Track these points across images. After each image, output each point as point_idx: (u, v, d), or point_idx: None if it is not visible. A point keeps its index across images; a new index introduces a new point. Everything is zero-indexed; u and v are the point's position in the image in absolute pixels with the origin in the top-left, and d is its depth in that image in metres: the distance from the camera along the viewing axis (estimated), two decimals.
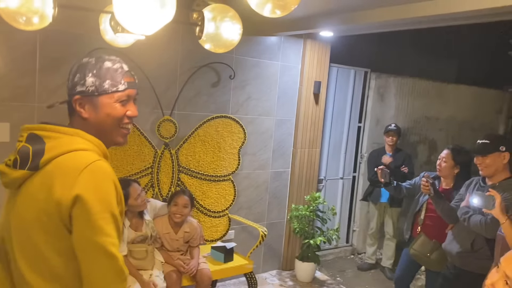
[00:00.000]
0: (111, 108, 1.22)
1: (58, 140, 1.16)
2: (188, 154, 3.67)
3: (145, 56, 3.39)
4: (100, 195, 1.10)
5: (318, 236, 4.16)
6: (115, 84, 1.22)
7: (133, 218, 3.04)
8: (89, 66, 1.21)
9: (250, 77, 4.04)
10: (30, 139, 1.17)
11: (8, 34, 2.84)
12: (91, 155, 1.15)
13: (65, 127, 1.20)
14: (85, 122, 1.23)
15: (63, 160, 1.13)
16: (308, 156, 4.49)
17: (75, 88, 1.22)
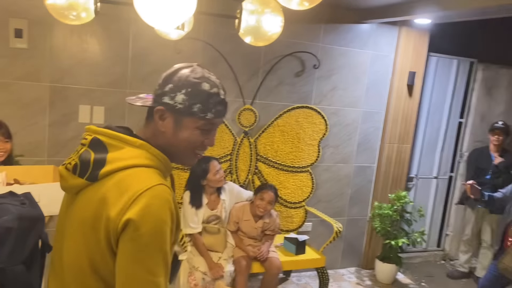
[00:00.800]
0: (190, 133, 1.11)
1: (121, 151, 1.07)
2: (266, 143, 3.69)
3: (229, 46, 3.47)
4: (155, 226, 0.99)
5: (401, 238, 3.91)
6: (204, 111, 1.10)
7: (211, 194, 3.16)
8: (186, 81, 1.09)
9: (337, 66, 3.90)
10: (93, 144, 1.09)
11: (105, 25, 3.11)
12: (153, 177, 1.05)
13: (131, 137, 1.09)
14: (161, 135, 1.12)
15: (123, 176, 1.03)
16: (397, 152, 4.23)
17: (162, 98, 1.10)
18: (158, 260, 0.99)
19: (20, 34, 2.91)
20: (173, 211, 1.03)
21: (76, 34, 3.06)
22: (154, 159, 1.09)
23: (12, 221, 1.22)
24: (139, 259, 0.98)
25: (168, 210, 1.02)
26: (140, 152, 1.07)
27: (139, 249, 0.98)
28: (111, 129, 1.11)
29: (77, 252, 1.07)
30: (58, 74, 3.06)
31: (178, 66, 1.13)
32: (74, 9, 1.50)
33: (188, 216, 3.10)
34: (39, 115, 3.06)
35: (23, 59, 2.96)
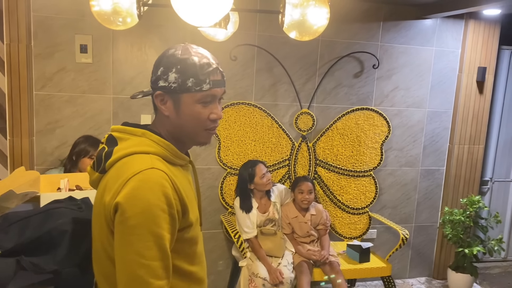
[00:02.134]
0: (192, 109, 1.12)
1: (127, 142, 1.12)
2: (325, 147, 3.59)
3: (284, 50, 3.43)
4: (142, 208, 0.99)
5: (476, 246, 3.62)
6: (199, 83, 1.10)
7: (261, 198, 3.19)
8: (174, 60, 1.11)
9: (398, 65, 3.72)
10: (108, 140, 1.16)
11: (163, 36, 3.20)
12: (147, 161, 1.07)
13: (134, 128, 1.14)
14: (167, 120, 1.15)
15: (122, 164, 1.09)
16: (468, 154, 3.94)
17: (157, 83, 1.13)
18: (149, 243, 0.99)
19: (85, 50, 3.07)
20: (168, 195, 1.03)
21: (136, 46, 3.18)
22: (154, 145, 1.11)
23: (67, 224, 1.26)
24: (128, 241, 0.99)
25: (161, 193, 1.02)
26: (141, 140, 1.12)
27: (127, 232, 1.00)
28: (124, 124, 1.18)
29: (95, 239, 1.15)
30: (121, 85, 3.19)
31: (166, 50, 1.17)
32: (119, 14, 1.53)
33: (242, 222, 3.10)
34: (104, 126, 3.20)
35: (88, 73, 3.12)
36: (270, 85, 3.48)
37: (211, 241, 3.56)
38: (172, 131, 1.17)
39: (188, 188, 1.18)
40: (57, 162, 3.08)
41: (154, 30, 3.19)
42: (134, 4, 1.57)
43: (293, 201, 3.30)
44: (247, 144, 3.43)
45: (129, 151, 1.09)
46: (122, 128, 1.16)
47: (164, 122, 1.17)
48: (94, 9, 1.55)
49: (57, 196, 1.54)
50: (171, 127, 1.16)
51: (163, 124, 1.17)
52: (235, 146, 3.42)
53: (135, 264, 0.98)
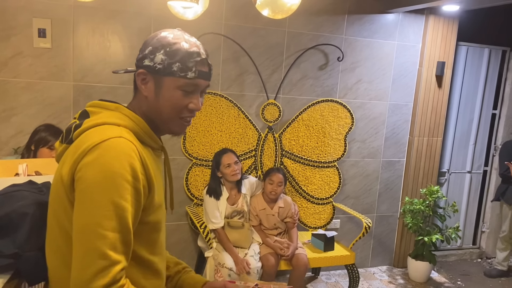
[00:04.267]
0: (172, 94, 1.09)
1: (99, 114, 1.08)
2: (291, 138, 3.61)
3: (251, 40, 3.42)
4: (103, 176, 0.95)
5: (435, 234, 3.75)
6: (184, 69, 1.07)
7: (232, 189, 3.17)
8: (164, 41, 1.08)
9: (362, 58, 3.79)
10: (81, 114, 1.13)
11: (126, 22, 3.10)
12: (114, 131, 1.02)
13: (108, 102, 1.12)
14: (144, 100, 1.12)
15: (87, 133, 1.03)
16: (427, 146, 4.08)
17: (143, 61, 1.10)
18: (108, 213, 0.94)
19: (43, 34, 2.94)
20: (135, 167, 0.99)
21: (98, 32, 3.07)
22: (125, 118, 1.08)
23: (28, 206, 1.19)
24: (87, 210, 0.95)
25: (126, 163, 0.98)
26: (113, 113, 1.08)
27: (86, 200, 0.96)
28: (101, 100, 1.14)
29: (49, 217, 1.10)
30: (81, 72, 3.08)
31: (159, 31, 1.14)
32: None
33: (210, 211, 3.07)
34: (64, 114, 3.07)
35: (47, 58, 2.98)
36: (236, 75, 3.46)
37: (176, 233, 3.51)
38: (148, 112, 1.13)
39: (156, 171, 1.13)
40: (11, 151, 2.93)
41: (117, 16, 3.09)
42: None
43: (263, 193, 3.30)
44: (213, 135, 3.40)
45: (99, 122, 1.05)
46: (96, 102, 1.13)
47: (141, 103, 1.13)
48: None
49: (16, 181, 1.46)
50: (147, 108, 1.12)
51: (140, 105, 1.14)
52: (201, 136, 3.38)
53: (93, 234, 0.93)
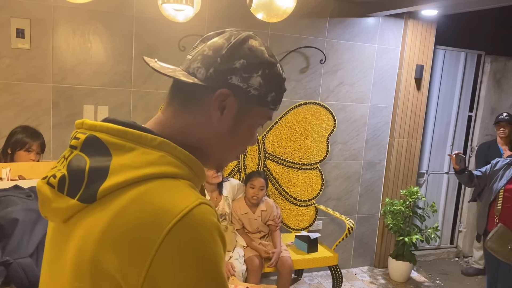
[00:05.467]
0: (252, 129, 0.83)
1: (131, 154, 0.71)
2: (274, 140, 3.62)
3: None
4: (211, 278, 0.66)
5: (415, 234, 3.82)
6: (276, 101, 0.83)
7: (212, 192, 3.15)
8: (262, 59, 0.79)
9: (343, 61, 3.83)
10: (88, 145, 0.73)
11: (108, 23, 3.05)
12: (186, 193, 0.69)
13: (145, 132, 0.73)
14: (207, 127, 0.79)
15: (138, 195, 0.67)
16: (407, 147, 4.15)
17: (228, 77, 0.77)
18: None
19: (22, 34, 2.86)
20: (223, 237, 0.70)
21: (79, 33, 3.01)
22: (180, 164, 0.73)
23: (17, 212, 1.16)
24: None
25: (219, 238, 0.68)
26: (159, 155, 0.72)
27: None
28: (114, 122, 0.74)
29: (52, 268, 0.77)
30: (61, 74, 3.01)
31: (241, 33, 0.80)
32: None
33: None
34: (43, 116, 3.00)
35: (25, 59, 2.91)
36: None
37: None
38: (207, 143, 0.81)
39: None
40: None
41: (98, 17, 3.04)
42: None
43: (245, 197, 3.30)
44: None
45: (147, 173, 0.69)
46: (118, 128, 0.73)
47: (200, 128, 0.79)
48: None
49: (1, 186, 1.42)
50: (209, 137, 0.80)
51: (188, 133, 0.79)
52: None
53: None
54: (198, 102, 0.77)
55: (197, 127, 0.79)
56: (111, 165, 0.69)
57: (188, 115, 0.78)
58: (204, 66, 0.77)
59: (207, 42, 0.80)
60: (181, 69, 0.81)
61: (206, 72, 0.76)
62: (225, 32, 0.81)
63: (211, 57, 0.77)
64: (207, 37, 0.82)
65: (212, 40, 0.80)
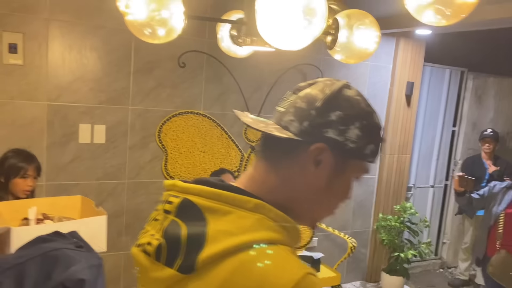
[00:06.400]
0: (349, 184, 0.77)
1: (227, 218, 0.68)
2: None
3: (234, 59, 3.32)
4: None
5: (408, 250, 3.87)
6: (375, 153, 0.76)
7: None
8: (358, 109, 0.74)
9: (339, 78, 3.81)
10: (183, 210, 0.71)
11: (105, 38, 2.91)
12: (290, 263, 0.66)
13: (240, 195, 0.70)
14: (299, 184, 0.74)
15: (237, 267, 0.64)
16: (397, 162, 4.21)
17: (324, 130, 0.71)
18: None
19: (15, 50, 2.67)
20: None
21: (76, 48, 2.85)
22: (278, 228, 0.69)
23: (83, 271, 1.05)
24: None
25: None
26: (257, 219, 0.68)
27: None
28: (207, 184, 0.72)
29: None
30: (56, 91, 2.83)
31: (335, 82, 0.77)
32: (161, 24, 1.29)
33: None
34: (37, 137, 2.81)
35: (18, 76, 2.71)
36: (219, 94, 3.36)
37: None
38: (298, 200, 0.75)
39: None
40: None
41: (96, 32, 2.89)
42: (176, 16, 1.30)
43: None
44: (196, 156, 3.27)
45: (247, 240, 0.66)
46: (213, 192, 0.70)
47: (294, 185, 0.74)
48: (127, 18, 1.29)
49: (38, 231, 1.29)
50: (302, 194, 0.75)
51: (290, 188, 0.74)
52: (183, 158, 3.23)
53: None
54: (291, 157, 0.74)
55: (290, 184, 0.74)
56: (208, 232, 0.67)
57: (280, 171, 0.74)
58: (297, 119, 0.73)
59: (299, 93, 0.76)
60: (273, 122, 0.77)
61: (300, 125, 0.72)
62: (317, 82, 0.78)
63: (304, 110, 0.73)
64: (298, 88, 0.78)
65: (305, 91, 0.76)
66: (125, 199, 3.13)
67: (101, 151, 3.01)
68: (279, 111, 0.77)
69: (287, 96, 0.78)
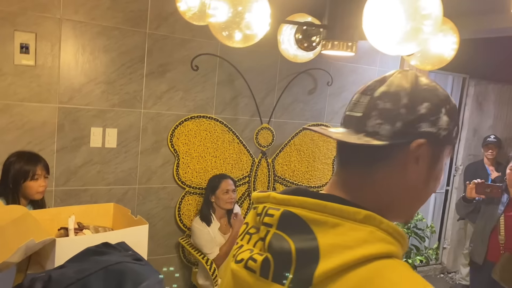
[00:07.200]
0: (442, 167, 0.74)
1: (336, 230, 0.64)
2: (283, 163, 3.53)
3: (246, 62, 3.30)
4: None
5: (416, 255, 3.87)
6: (458, 133, 0.76)
7: (221, 218, 3.03)
8: (441, 95, 0.72)
9: (347, 83, 3.83)
10: (285, 221, 0.67)
11: (119, 40, 2.83)
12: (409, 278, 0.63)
13: (347, 206, 0.66)
14: (396, 182, 0.71)
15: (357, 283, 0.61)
16: None
17: (418, 125, 0.68)
18: None
19: (26, 50, 2.57)
20: None
21: (88, 50, 2.76)
22: (392, 240, 0.65)
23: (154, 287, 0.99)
24: None
25: None
26: (369, 231, 0.64)
27: None
28: (308, 194, 0.68)
29: None
30: (68, 94, 2.74)
31: (408, 74, 0.73)
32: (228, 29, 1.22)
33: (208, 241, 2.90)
34: (47, 140, 2.71)
35: (29, 77, 2.61)
36: (231, 98, 3.30)
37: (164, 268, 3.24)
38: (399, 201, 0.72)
39: None
40: None
41: (109, 33, 2.81)
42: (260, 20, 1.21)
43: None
44: (208, 161, 3.21)
45: (364, 254, 0.62)
46: (317, 203, 0.66)
47: (394, 186, 0.71)
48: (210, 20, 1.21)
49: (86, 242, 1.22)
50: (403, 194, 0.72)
51: (390, 191, 0.71)
52: (194, 162, 3.17)
53: None
54: (388, 159, 0.70)
55: (387, 187, 0.71)
56: (320, 245, 0.63)
57: (375, 176, 0.71)
58: (387, 121, 0.69)
59: (374, 94, 0.72)
60: (352, 130, 0.72)
61: (393, 127, 0.69)
62: (387, 78, 0.73)
63: (392, 110, 0.69)
64: (369, 88, 0.74)
65: (380, 90, 0.72)
66: (136, 204, 3.05)
67: (112, 156, 2.93)
68: (356, 116, 0.72)
69: (358, 99, 0.74)
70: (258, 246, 0.69)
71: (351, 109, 0.74)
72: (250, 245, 0.71)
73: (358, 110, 0.72)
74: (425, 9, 0.91)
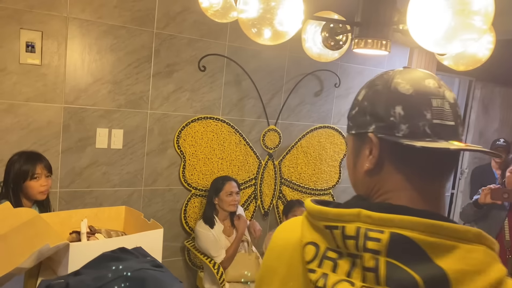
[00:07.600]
0: None
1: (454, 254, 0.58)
2: (290, 165, 3.49)
3: (253, 63, 3.26)
4: None
5: None
6: None
7: (224, 220, 2.98)
8: None
9: (354, 85, 3.79)
10: (398, 249, 0.59)
11: (126, 39, 2.78)
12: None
13: (457, 225, 0.60)
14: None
15: None
16: None
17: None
18: None
19: (32, 49, 2.53)
20: None
21: (95, 49, 2.72)
22: (497, 257, 0.62)
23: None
24: None
25: None
26: (483, 251, 0.59)
27: None
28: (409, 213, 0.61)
29: None
30: (74, 94, 2.69)
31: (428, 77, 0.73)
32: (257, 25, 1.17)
33: (213, 244, 2.85)
34: (52, 141, 2.66)
35: (35, 76, 2.57)
36: (238, 99, 3.26)
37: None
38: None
39: None
40: None
41: (116, 32, 2.76)
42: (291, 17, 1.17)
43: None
44: (214, 163, 3.16)
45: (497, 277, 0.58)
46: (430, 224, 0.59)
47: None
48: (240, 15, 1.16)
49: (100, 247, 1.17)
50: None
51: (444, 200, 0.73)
52: (201, 164, 3.12)
53: None
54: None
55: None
56: (447, 273, 0.57)
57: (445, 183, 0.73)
58: (462, 123, 0.73)
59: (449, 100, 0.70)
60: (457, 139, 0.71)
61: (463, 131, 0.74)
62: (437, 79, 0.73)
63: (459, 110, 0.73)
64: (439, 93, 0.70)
65: (452, 96, 0.72)
66: (141, 207, 3.00)
67: (117, 157, 2.88)
68: (450, 125, 0.69)
69: (441, 105, 0.69)
70: (358, 276, 0.61)
71: (442, 118, 0.69)
72: (341, 274, 0.62)
73: (449, 118, 0.69)
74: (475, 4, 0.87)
